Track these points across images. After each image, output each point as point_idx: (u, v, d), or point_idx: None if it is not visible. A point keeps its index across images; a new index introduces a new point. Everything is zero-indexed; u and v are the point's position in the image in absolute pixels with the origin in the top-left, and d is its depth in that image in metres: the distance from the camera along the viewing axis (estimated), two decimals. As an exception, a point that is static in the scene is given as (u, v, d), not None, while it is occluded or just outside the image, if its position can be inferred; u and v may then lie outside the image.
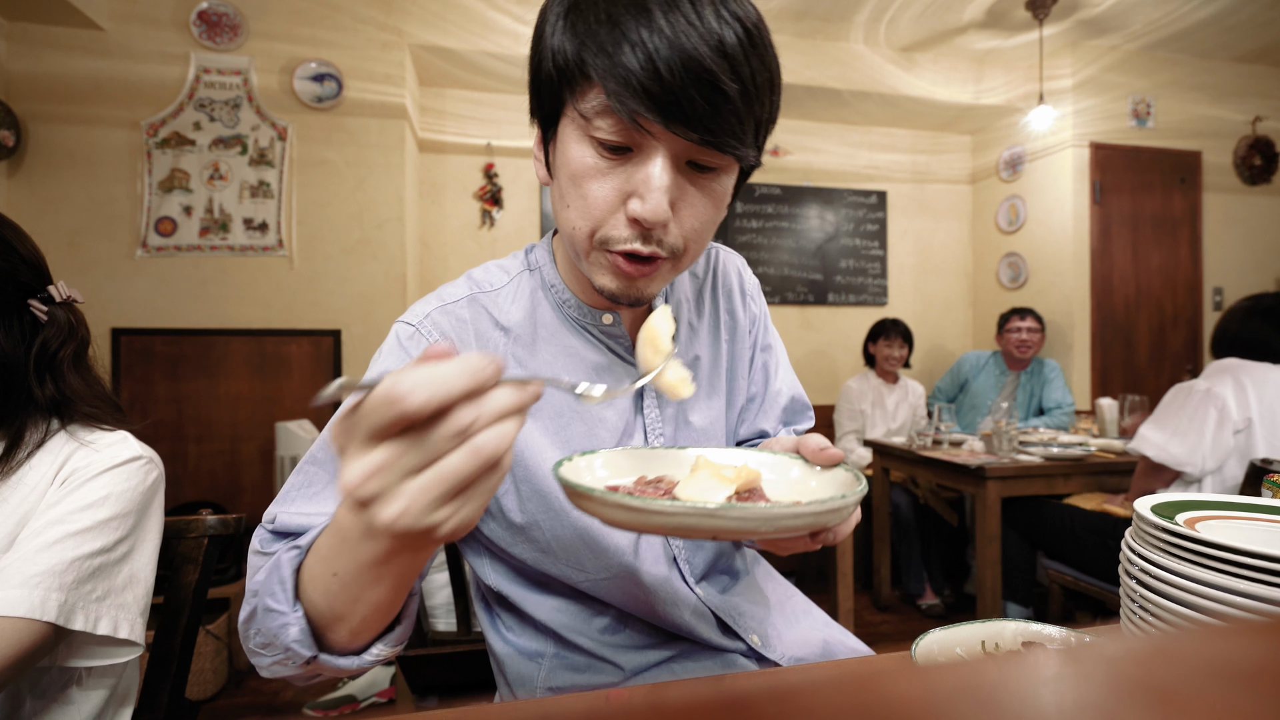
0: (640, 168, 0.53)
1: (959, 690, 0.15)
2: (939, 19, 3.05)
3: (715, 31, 0.49)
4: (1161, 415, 1.74)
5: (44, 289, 0.76)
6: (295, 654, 0.47)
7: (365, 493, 0.34)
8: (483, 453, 0.34)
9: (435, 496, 0.34)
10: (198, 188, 2.52)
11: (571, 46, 0.52)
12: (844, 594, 2.22)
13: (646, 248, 0.56)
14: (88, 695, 0.72)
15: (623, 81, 0.49)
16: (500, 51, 2.82)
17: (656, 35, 0.48)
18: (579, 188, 0.55)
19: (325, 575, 0.45)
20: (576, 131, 0.55)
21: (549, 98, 0.56)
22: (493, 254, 3.20)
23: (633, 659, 0.68)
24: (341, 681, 2.08)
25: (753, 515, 0.40)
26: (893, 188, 3.75)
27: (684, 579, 0.72)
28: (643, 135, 0.52)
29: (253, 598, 0.50)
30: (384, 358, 0.62)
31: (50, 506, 0.68)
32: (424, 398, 0.32)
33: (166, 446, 2.48)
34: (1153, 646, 0.16)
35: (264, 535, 0.56)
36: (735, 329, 0.80)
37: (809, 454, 0.54)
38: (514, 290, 0.70)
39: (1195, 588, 0.47)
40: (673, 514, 0.39)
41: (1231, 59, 3.53)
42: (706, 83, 0.49)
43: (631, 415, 0.70)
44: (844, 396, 3.11)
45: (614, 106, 0.50)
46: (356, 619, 0.47)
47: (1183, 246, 3.53)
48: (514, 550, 0.67)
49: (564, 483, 0.43)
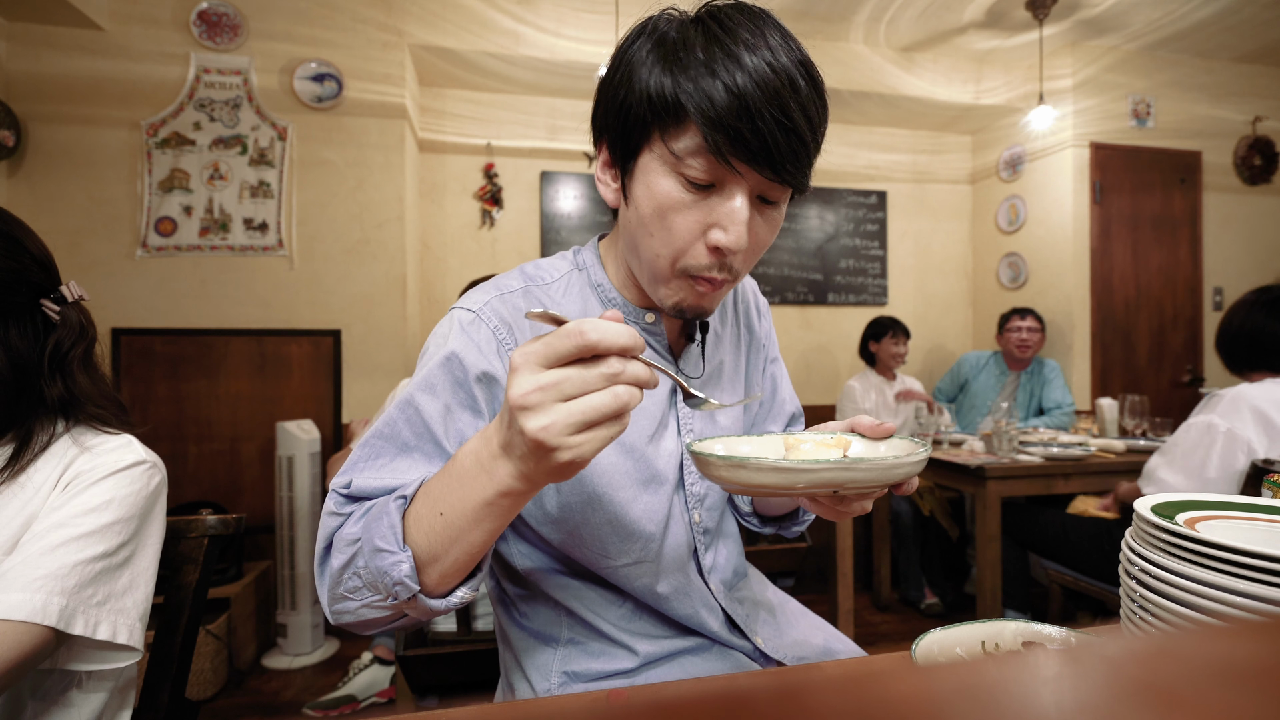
0: (724, 202, 0.59)
1: (959, 690, 0.15)
2: (939, 19, 3.05)
3: (790, 73, 0.55)
4: (1180, 457, 1.60)
5: (55, 288, 0.76)
6: (405, 588, 0.53)
7: (528, 401, 0.43)
8: (620, 398, 0.43)
9: (574, 422, 0.43)
10: (198, 188, 2.52)
11: (668, 86, 0.57)
12: (844, 594, 2.22)
13: (722, 275, 0.62)
14: (88, 697, 0.72)
15: (717, 126, 0.54)
16: (500, 51, 2.82)
17: (745, 77, 0.54)
18: (664, 219, 0.60)
19: (431, 515, 0.52)
20: (664, 167, 0.59)
21: (637, 131, 0.60)
22: (493, 254, 3.20)
23: (648, 646, 0.71)
24: (341, 681, 2.08)
25: (876, 465, 0.48)
26: (893, 188, 3.75)
27: (700, 572, 0.76)
28: (727, 172, 0.57)
29: (350, 545, 0.56)
30: (451, 340, 0.65)
31: (53, 510, 0.68)
32: (598, 337, 0.42)
33: (166, 446, 2.48)
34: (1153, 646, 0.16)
35: (338, 498, 0.61)
36: (752, 341, 0.87)
37: (866, 430, 0.61)
38: (565, 285, 0.74)
39: (1195, 588, 0.47)
40: (817, 470, 0.47)
41: (1231, 59, 3.53)
42: (787, 129, 0.55)
43: (667, 408, 0.75)
44: (846, 396, 3.09)
45: (710, 149, 0.55)
46: (449, 561, 0.53)
47: (1183, 246, 3.53)
48: (544, 531, 0.70)
49: (708, 457, 0.51)
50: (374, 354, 2.68)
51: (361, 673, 2.09)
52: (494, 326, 0.67)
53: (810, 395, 3.58)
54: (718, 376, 0.80)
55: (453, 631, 1.40)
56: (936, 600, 2.77)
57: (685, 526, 0.74)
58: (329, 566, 0.58)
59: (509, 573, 0.75)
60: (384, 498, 0.57)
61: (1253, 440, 1.50)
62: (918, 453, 0.51)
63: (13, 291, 0.71)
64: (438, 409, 0.63)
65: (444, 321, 0.69)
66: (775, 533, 0.85)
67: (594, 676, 0.70)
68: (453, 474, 0.52)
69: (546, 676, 0.70)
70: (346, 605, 0.57)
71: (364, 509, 0.58)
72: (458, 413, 0.64)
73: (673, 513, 0.73)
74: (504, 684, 0.77)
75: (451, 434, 0.63)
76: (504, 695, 0.77)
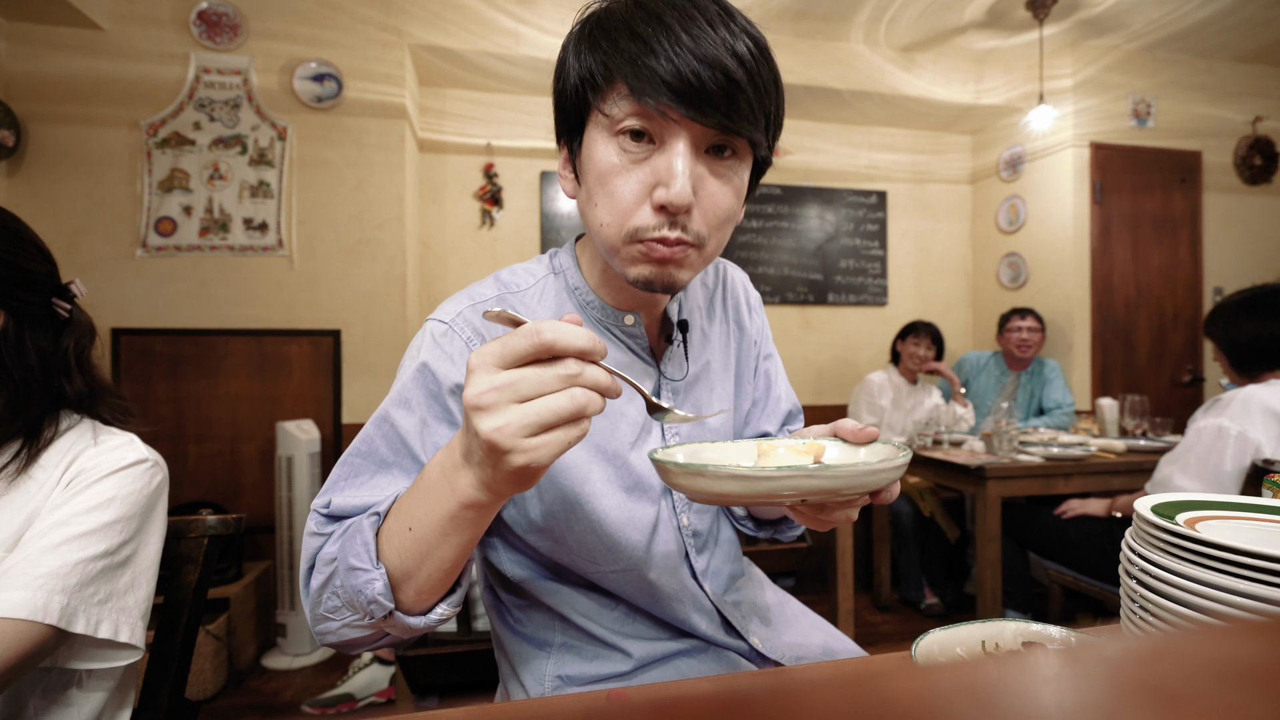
0: (663, 156, 0.58)
1: (959, 690, 0.15)
2: (939, 19, 3.05)
3: (729, 41, 0.55)
4: (1195, 463, 1.58)
5: (61, 287, 0.77)
6: (379, 606, 0.53)
7: (483, 401, 0.42)
8: (577, 400, 0.43)
9: (530, 424, 0.42)
10: (198, 188, 2.52)
11: (596, 59, 0.58)
12: (844, 594, 2.22)
13: (673, 233, 0.59)
14: (88, 696, 0.72)
15: (646, 77, 0.54)
16: (500, 51, 2.82)
17: (678, 44, 0.54)
18: (605, 186, 0.60)
19: (401, 531, 0.52)
20: (602, 133, 0.60)
21: (574, 110, 0.61)
22: (493, 254, 3.20)
23: (642, 649, 0.71)
24: (340, 680, 2.08)
25: (844, 473, 0.46)
26: (893, 188, 3.75)
27: (693, 575, 0.75)
28: (665, 124, 0.57)
29: (328, 565, 0.56)
30: (424, 352, 0.65)
31: (56, 508, 0.68)
32: (554, 336, 0.42)
33: (166, 446, 2.48)
34: (1153, 646, 0.16)
35: (318, 518, 0.61)
36: (742, 338, 0.85)
37: (847, 434, 0.59)
38: (540, 291, 0.73)
39: (1195, 588, 0.47)
40: (779, 478, 0.45)
41: (1231, 59, 3.53)
42: (721, 74, 0.54)
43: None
44: (864, 389, 3.05)
45: (638, 98, 0.55)
46: (423, 578, 0.53)
47: (1183, 246, 3.53)
48: (530, 539, 0.70)
49: (667, 465, 0.49)
50: (374, 354, 2.68)
51: (361, 672, 2.10)
52: (467, 337, 0.66)
53: (811, 395, 3.58)
54: (705, 376, 0.79)
55: (453, 632, 1.40)
56: (936, 600, 2.77)
57: (674, 530, 0.74)
58: (311, 586, 0.58)
59: (502, 581, 0.75)
60: (359, 516, 0.57)
61: (1263, 443, 1.49)
62: (891, 459, 0.48)
63: (32, 291, 0.73)
64: (413, 424, 0.63)
65: (418, 334, 0.68)
66: (771, 536, 0.84)
67: (588, 680, 0.69)
68: (420, 488, 0.52)
69: (540, 681, 0.69)
70: (328, 625, 0.57)
71: (343, 528, 0.58)
72: (434, 426, 0.63)
73: (660, 518, 0.72)
74: (501, 690, 0.77)
75: (429, 448, 0.63)
76: (501, 700, 0.77)
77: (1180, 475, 1.59)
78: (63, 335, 0.76)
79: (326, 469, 2.51)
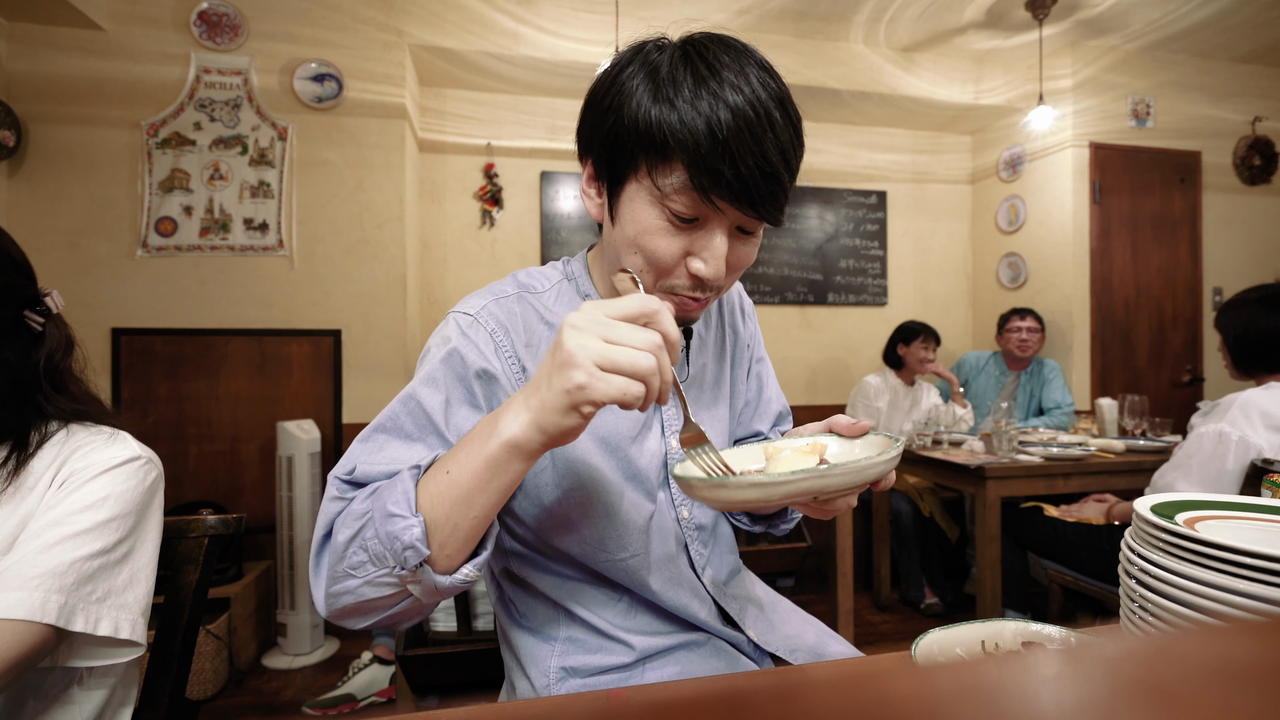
0: (705, 236, 0.63)
1: (959, 690, 0.15)
2: (939, 19, 3.05)
3: (788, 152, 0.60)
4: (1197, 469, 1.56)
5: (36, 298, 0.75)
6: (415, 553, 0.54)
7: (580, 323, 0.50)
8: (648, 363, 0.49)
9: (606, 357, 0.48)
10: (198, 188, 2.52)
11: (656, 124, 0.59)
12: (844, 594, 2.22)
13: (703, 295, 0.67)
14: (89, 695, 0.72)
15: (710, 178, 0.58)
16: (500, 52, 2.82)
17: (729, 116, 0.57)
18: (645, 245, 0.64)
19: (439, 475, 0.55)
20: (649, 198, 0.63)
21: (624, 160, 0.63)
22: (493, 254, 3.19)
23: (644, 641, 0.73)
24: (340, 680, 2.08)
25: (850, 470, 0.51)
26: (893, 188, 3.74)
27: (691, 565, 0.78)
28: (710, 210, 0.61)
29: (359, 519, 0.57)
30: (454, 339, 0.68)
31: (49, 508, 0.68)
32: (657, 309, 0.51)
33: (167, 446, 2.48)
34: (1153, 646, 0.16)
35: (340, 484, 0.62)
36: (737, 343, 0.89)
37: (843, 429, 0.66)
38: (557, 294, 0.77)
39: (1195, 588, 0.47)
40: (794, 482, 0.50)
41: (1231, 59, 3.53)
42: (766, 172, 0.59)
43: (652, 410, 0.78)
44: (861, 391, 3.05)
45: (698, 193, 0.59)
46: (451, 529, 0.55)
47: (1182, 246, 3.53)
48: (542, 529, 0.72)
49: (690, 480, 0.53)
50: (374, 354, 2.68)
51: (361, 672, 2.10)
52: (491, 329, 0.69)
53: (811, 395, 3.58)
54: (700, 382, 0.82)
55: (453, 631, 1.40)
56: (936, 600, 2.76)
57: (673, 522, 0.77)
58: (331, 545, 0.58)
59: (509, 575, 0.77)
60: (399, 473, 0.59)
61: (1264, 448, 1.48)
62: (889, 451, 0.54)
63: (3, 305, 0.70)
64: (439, 401, 0.65)
65: (442, 325, 0.71)
66: (765, 530, 0.88)
67: (591, 671, 0.71)
68: (462, 441, 0.56)
69: (545, 673, 0.71)
70: (347, 584, 0.57)
71: (372, 488, 0.59)
72: (457, 407, 0.66)
73: (659, 509, 0.76)
74: (507, 684, 0.79)
75: (452, 427, 0.65)
76: (507, 695, 0.78)
77: (1183, 482, 1.58)
78: (35, 350, 0.73)
79: (327, 469, 2.51)
